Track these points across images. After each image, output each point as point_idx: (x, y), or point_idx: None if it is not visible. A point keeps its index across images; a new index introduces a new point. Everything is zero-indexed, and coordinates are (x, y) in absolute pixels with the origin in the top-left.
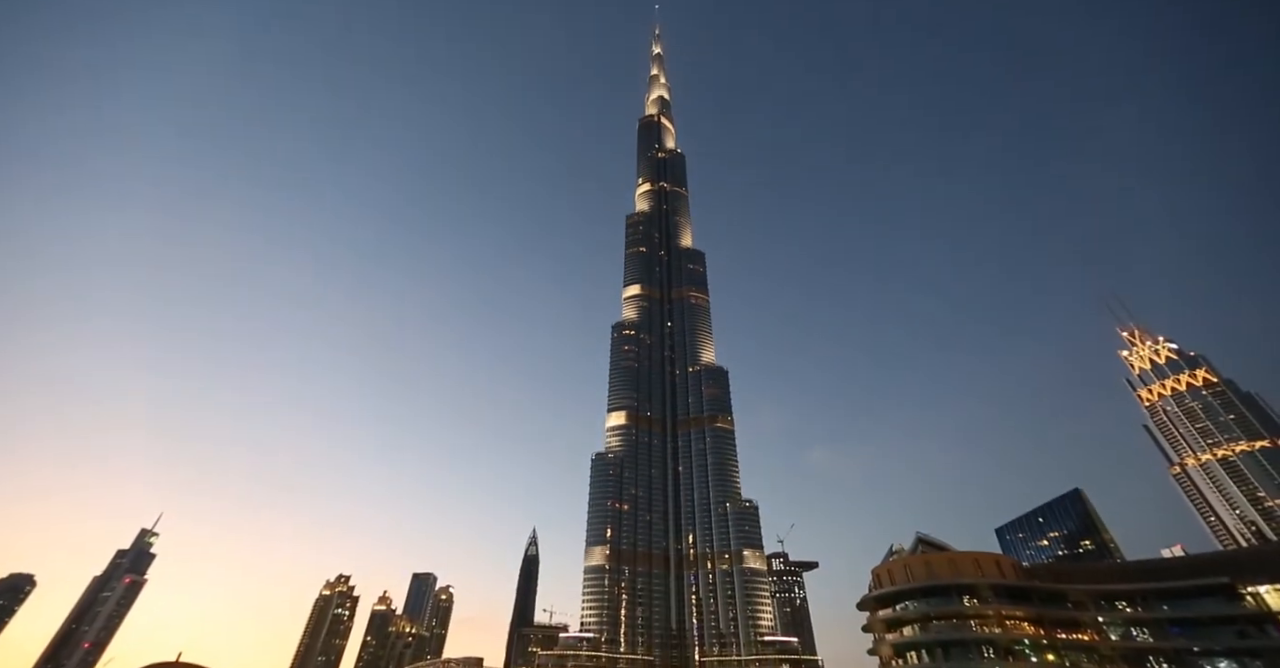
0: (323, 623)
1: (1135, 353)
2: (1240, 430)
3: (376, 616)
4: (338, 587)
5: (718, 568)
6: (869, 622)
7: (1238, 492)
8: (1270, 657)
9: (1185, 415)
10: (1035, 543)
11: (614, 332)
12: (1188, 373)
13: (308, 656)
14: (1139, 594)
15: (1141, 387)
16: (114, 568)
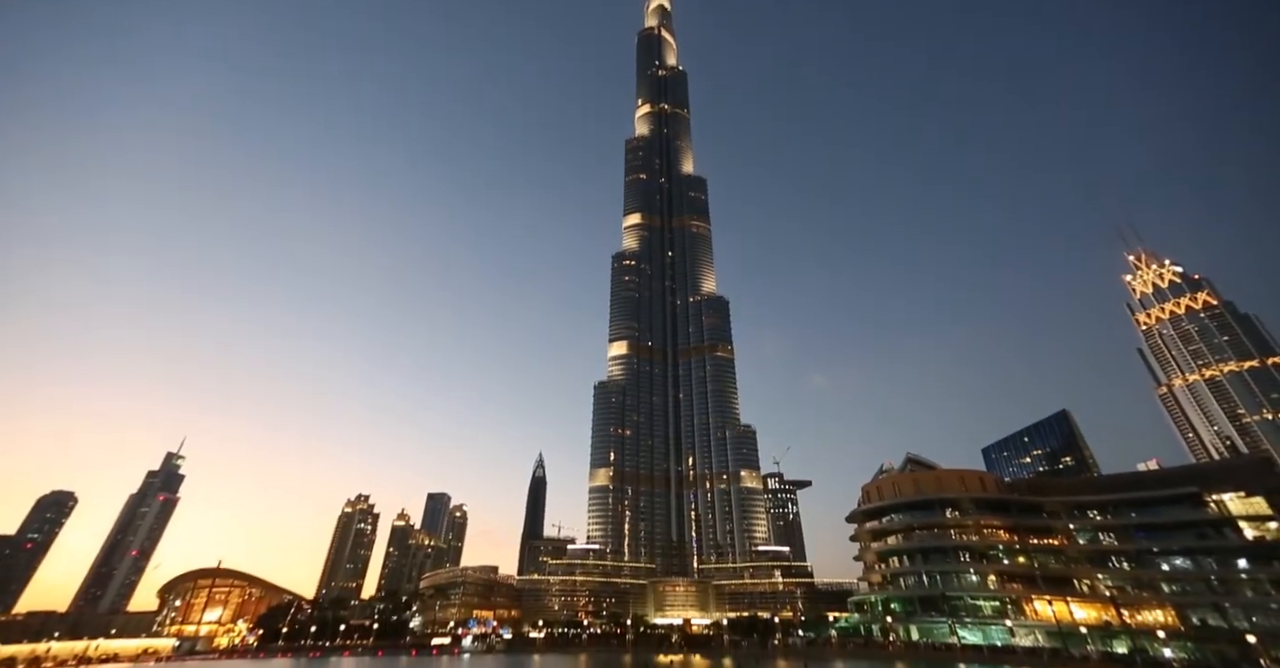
0: (347, 536)
1: (1139, 277)
2: (1232, 351)
3: (397, 530)
4: (358, 505)
5: (716, 487)
6: (856, 533)
7: (1219, 410)
8: (1222, 555)
9: (1180, 338)
10: (1019, 461)
11: (614, 262)
12: (1188, 296)
13: (337, 564)
14: (1110, 504)
15: (1141, 311)
16: (147, 487)
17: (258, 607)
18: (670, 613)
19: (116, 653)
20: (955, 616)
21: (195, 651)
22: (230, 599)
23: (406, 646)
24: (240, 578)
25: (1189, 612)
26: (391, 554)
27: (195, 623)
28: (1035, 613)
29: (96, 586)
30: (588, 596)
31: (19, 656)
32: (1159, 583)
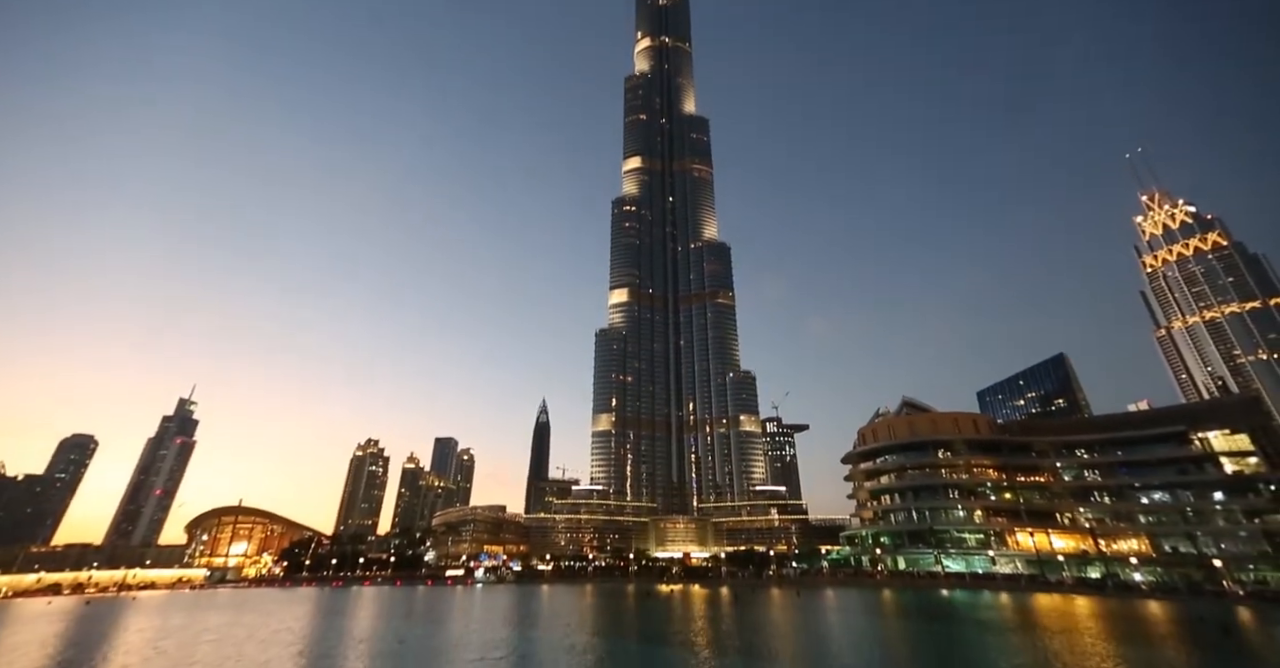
0: (360, 478)
1: (1150, 218)
2: (1235, 292)
3: (407, 472)
4: (369, 449)
5: (715, 431)
6: (851, 473)
7: (1215, 351)
8: (1200, 488)
9: (1185, 280)
10: (1012, 403)
11: (614, 207)
12: (1198, 237)
13: (352, 503)
14: (1097, 443)
15: (1148, 253)
16: (164, 431)
17: (280, 542)
18: (671, 548)
19: (154, 581)
20: (941, 547)
21: (226, 580)
22: (254, 535)
23: (422, 577)
24: (262, 516)
25: (1162, 540)
26: (403, 495)
27: (223, 556)
28: (1017, 544)
29: (127, 521)
30: (592, 532)
31: (64, 582)
32: (1136, 515)
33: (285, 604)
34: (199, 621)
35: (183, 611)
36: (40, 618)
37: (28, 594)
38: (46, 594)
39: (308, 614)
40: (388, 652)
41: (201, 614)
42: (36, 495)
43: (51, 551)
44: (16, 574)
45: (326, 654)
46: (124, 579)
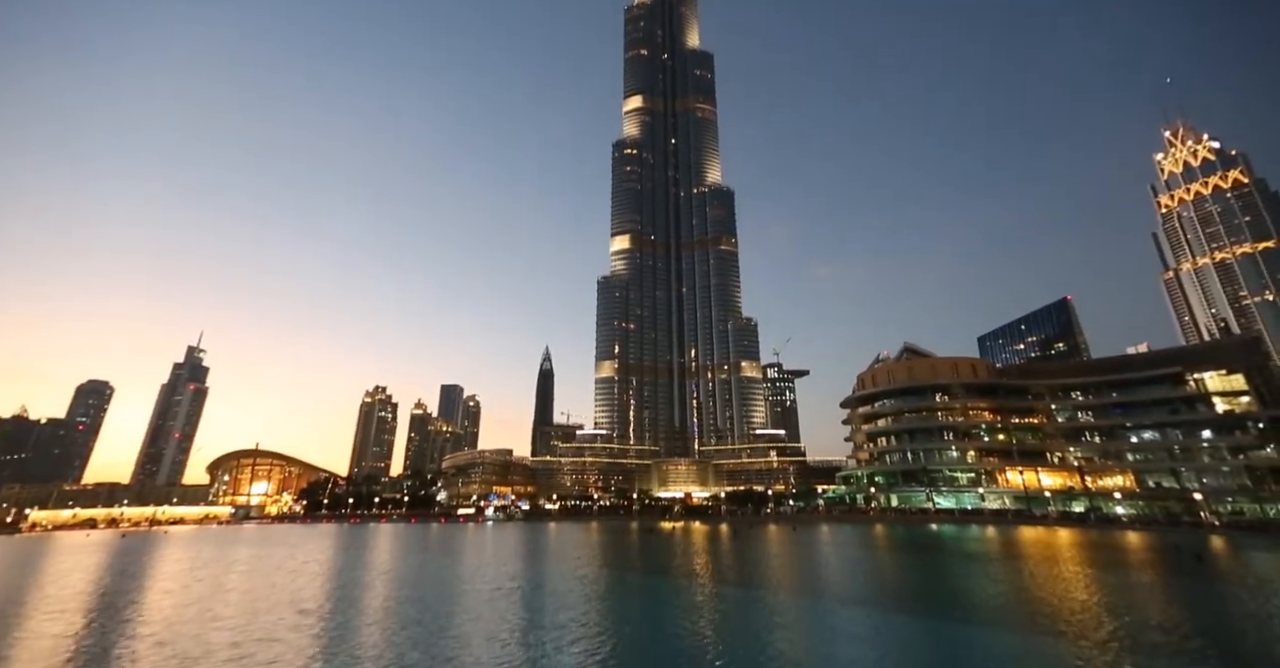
0: (370, 423)
1: (1170, 155)
2: (1249, 232)
3: (415, 418)
4: (377, 395)
5: (717, 377)
6: (849, 417)
7: (1221, 293)
8: (1189, 427)
9: (1200, 220)
10: (1013, 347)
11: (615, 151)
12: (1219, 175)
13: (364, 447)
14: (1093, 385)
15: (1165, 193)
16: (176, 378)
17: (298, 482)
18: (673, 488)
19: (182, 518)
20: (933, 486)
21: (250, 517)
22: (272, 476)
23: (435, 515)
24: (279, 458)
25: (1146, 477)
26: (413, 439)
27: (245, 495)
28: (1006, 482)
29: (150, 463)
30: (597, 474)
31: (98, 517)
32: (1125, 453)
33: (309, 539)
34: (230, 553)
35: (213, 544)
36: (82, 549)
37: (66, 528)
38: (84, 528)
39: (331, 548)
40: (410, 579)
41: (231, 547)
42: (61, 438)
43: (83, 489)
44: (53, 510)
45: (354, 583)
46: (154, 516)
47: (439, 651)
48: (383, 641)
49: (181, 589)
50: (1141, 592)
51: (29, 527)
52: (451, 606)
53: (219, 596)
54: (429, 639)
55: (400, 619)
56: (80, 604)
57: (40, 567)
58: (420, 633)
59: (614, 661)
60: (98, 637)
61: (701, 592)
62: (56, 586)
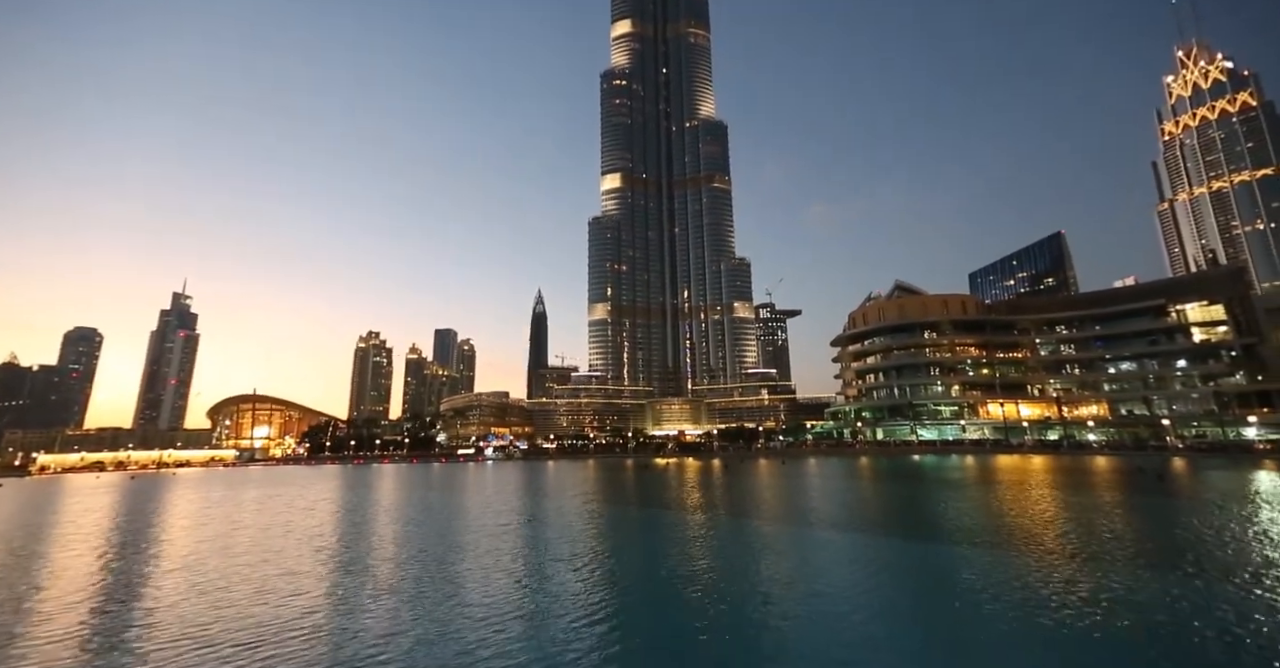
0: (366, 368)
1: (1181, 77)
2: (1250, 159)
3: (411, 363)
4: (371, 341)
5: (710, 318)
6: (839, 355)
7: (1213, 223)
8: (1165, 357)
9: (1202, 147)
10: (1003, 283)
11: (603, 82)
12: (1227, 98)
13: (361, 391)
14: (1077, 319)
15: (1169, 119)
16: (165, 325)
17: (299, 426)
18: (667, 427)
19: (189, 460)
20: (917, 419)
21: (254, 459)
22: (273, 420)
23: (436, 455)
24: (279, 403)
25: (1119, 405)
26: (410, 383)
27: (249, 438)
28: (987, 414)
29: (150, 409)
30: (592, 414)
31: (106, 461)
32: (1101, 384)
33: (316, 479)
34: (240, 493)
35: (222, 485)
36: (94, 491)
37: (75, 471)
38: (92, 470)
39: (339, 487)
40: (419, 515)
41: (241, 488)
42: (56, 385)
43: (86, 433)
44: (59, 454)
45: (366, 519)
46: (160, 459)
47: (455, 581)
48: (400, 573)
49: (198, 526)
50: (1104, 510)
51: (38, 470)
52: (462, 539)
53: (236, 532)
54: (443, 571)
55: (414, 553)
56: (102, 541)
57: (57, 507)
58: (434, 565)
59: (617, 586)
60: (124, 570)
61: (695, 522)
62: (75, 524)
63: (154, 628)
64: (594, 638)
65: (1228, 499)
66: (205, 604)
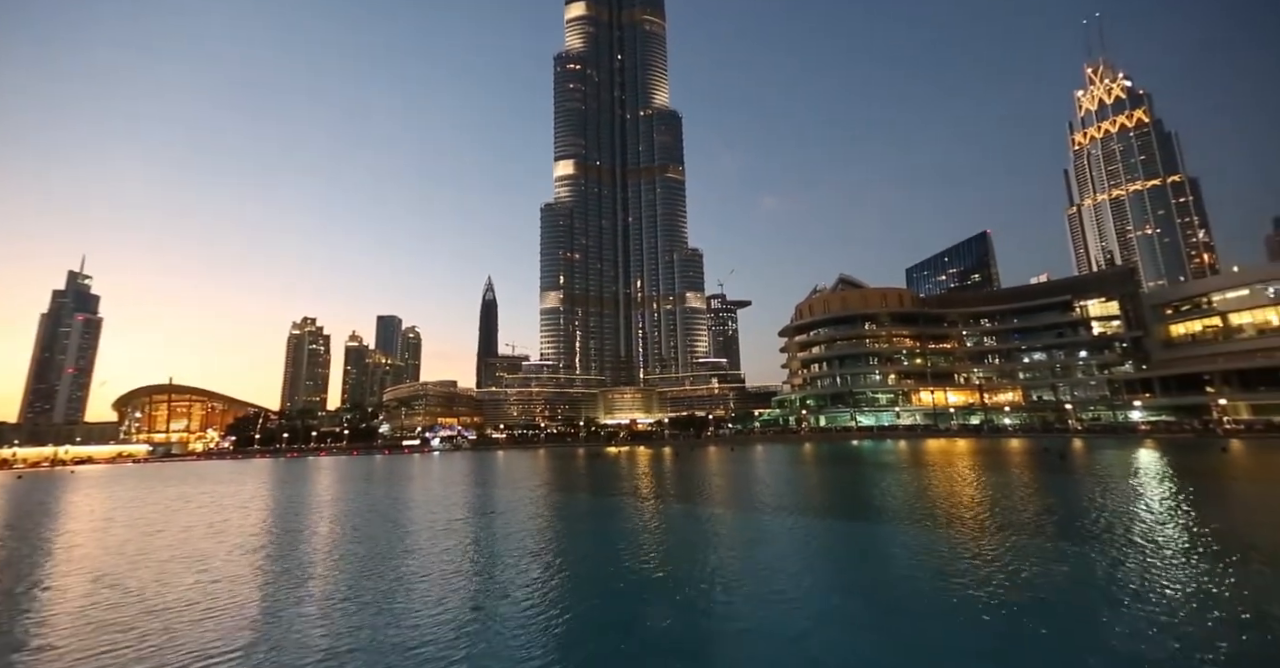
0: (301, 356)
1: (1089, 93)
2: (1142, 171)
3: (351, 350)
4: (306, 327)
5: (662, 308)
6: (786, 345)
7: (1112, 228)
8: (1070, 348)
9: (1104, 158)
10: (936, 278)
11: (557, 65)
12: (1126, 113)
13: (296, 381)
14: (998, 313)
15: (1079, 130)
16: (59, 307)
17: (224, 418)
18: (619, 416)
19: (90, 456)
20: (857, 407)
21: (171, 454)
22: (193, 412)
23: (379, 447)
24: (199, 393)
25: (1032, 392)
26: (350, 372)
27: (164, 432)
28: (920, 401)
29: (41, 400)
30: (543, 403)
31: None
32: (1017, 372)
33: (243, 474)
34: (155, 492)
35: (132, 483)
36: None
37: None
38: None
39: (272, 482)
40: (360, 510)
41: (156, 486)
42: None
43: None
44: None
45: (302, 516)
46: (55, 455)
47: (403, 581)
48: (344, 575)
49: (103, 531)
50: (1015, 487)
51: None
52: (408, 536)
53: (153, 537)
54: (389, 570)
55: (358, 552)
56: None
57: None
58: (379, 563)
59: (570, 574)
60: (25, 577)
61: (647, 509)
62: None
63: (52, 655)
64: (547, 627)
65: (1116, 475)
66: (118, 627)
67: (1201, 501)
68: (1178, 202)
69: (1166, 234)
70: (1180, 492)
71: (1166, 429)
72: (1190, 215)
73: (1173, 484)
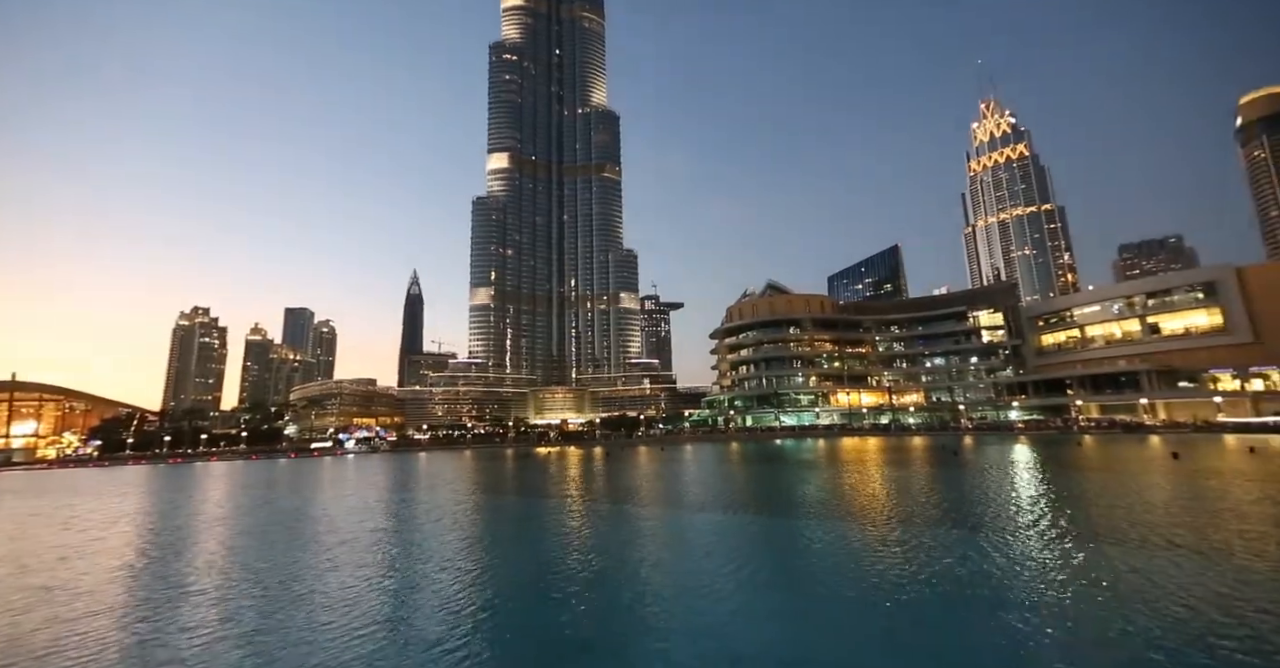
0: (190, 350)
1: (983, 125)
2: (1023, 198)
3: (253, 345)
4: (196, 318)
5: (596, 308)
6: (717, 347)
7: (999, 247)
8: (964, 354)
9: (993, 185)
10: (853, 287)
11: (492, 53)
12: (1010, 147)
13: (183, 378)
14: (905, 320)
15: (975, 158)
16: None
17: (86, 420)
18: (549, 416)
19: None
20: (781, 407)
21: (13, 462)
22: (44, 413)
23: (284, 450)
24: (52, 391)
25: (932, 393)
26: (251, 368)
27: (3, 436)
28: (837, 401)
29: None
30: (471, 403)
31: None
32: (920, 376)
33: (109, 484)
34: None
35: None
36: None
37: None
38: None
39: (158, 491)
40: (262, 526)
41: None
42: None
43: None
44: None
45: (191, 532)
46: None
47: (308, 599)
48: (241, 596)
49: None
50: (915, 480)
51: None
52: (314, 548)
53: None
54: (293, 585)
55: (256, 569)
56: None
57: None
58: (279, 578)
59: (491, 580)
60: None
61: (574, 509)
62: None
63: None
64: (469, 635)
65: (995, 469)
66: None
67: (1059, 490)
68: (1049, 227)
69: (1040, 255)
70: (1044, 482)
71: (1037, 427)
72: (1058, 239)
73: (1038, 475)
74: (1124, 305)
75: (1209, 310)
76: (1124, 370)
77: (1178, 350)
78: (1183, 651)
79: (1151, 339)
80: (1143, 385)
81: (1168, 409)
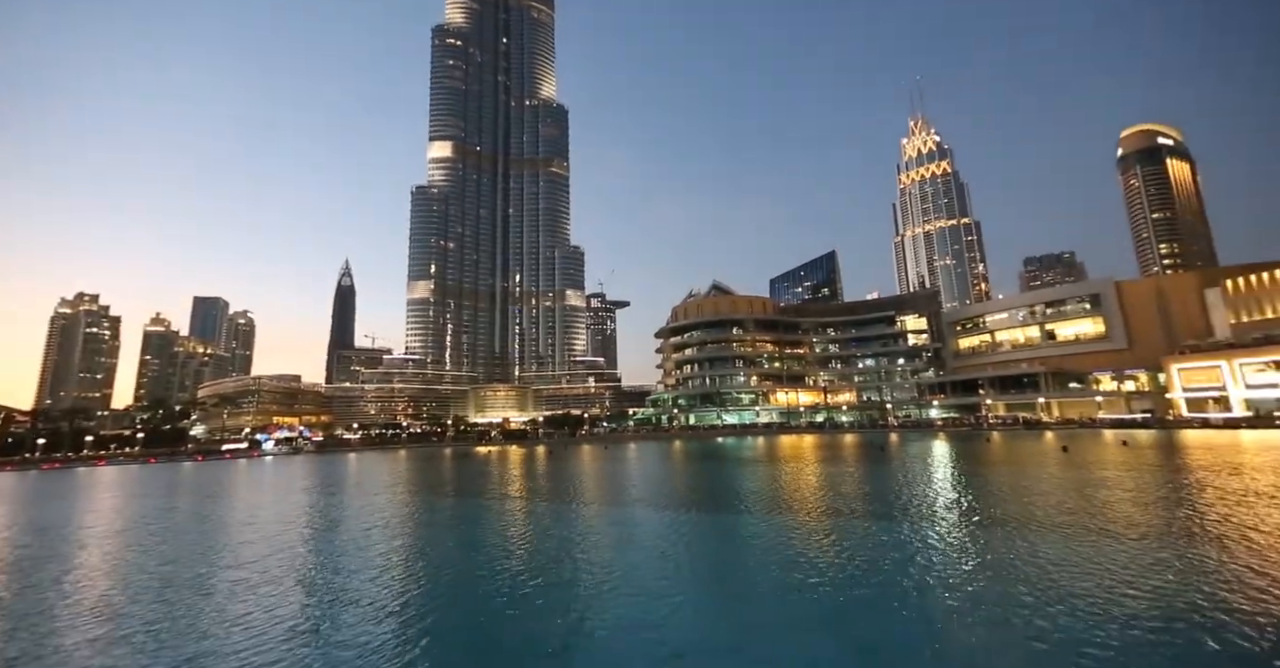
0: (73, 342)
1: (912, 141)
2: (945, 212)
3: (153, 336)
4: (81, 305)
5: (541, 304)
6: (662, 346)
7: (924, 256)
8: (892, 356)
9: (920, 198)
10: (793, 289)
11: (435, 37)
12: (935, 163)
13: (63, 372)
14: (840, 323)
15: (904, 172)
16: None
17: None
18: (491, 414)
19: None
20: (723, 406)
21: None
22: None
23: (190, 452)
24: None
25: (864, 393)
26: (149, 362)
27: None
28: (776, 400)
29: None
30: (407, 401)
31: None
32: (853, 376)
33: None
34: None
35: None
36: None
37: None
38: None
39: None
40: (154, 541)
41: None
42: None
43: None
44: None
45: (69, 548)
46: None
47: (212, 612)
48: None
49: None
50: (846, 475)
51: None
52: (221, 558)
53: None
54: (200, 604)
55: (149, 584)
56: None
57: None
58: (184, 596)
59: (427, 585)
60: None
61: (515, 509)
62: None
63: None
64: (398, 644)
65: (917, 463)
66: None
67: (970, 482)
68: (966, 240)
69: (959, 265)
70: (958, 475)
71: (954, 424)
72: (974, 251)
73: (953, 468)
74: (1027, 313)
75: (1094, 319)
76: (1026, 372)
77: (1070, 355)
78: (1049, 608)
79: (1049, 344)
80: (1041, 386)
81: (1061, 408)
